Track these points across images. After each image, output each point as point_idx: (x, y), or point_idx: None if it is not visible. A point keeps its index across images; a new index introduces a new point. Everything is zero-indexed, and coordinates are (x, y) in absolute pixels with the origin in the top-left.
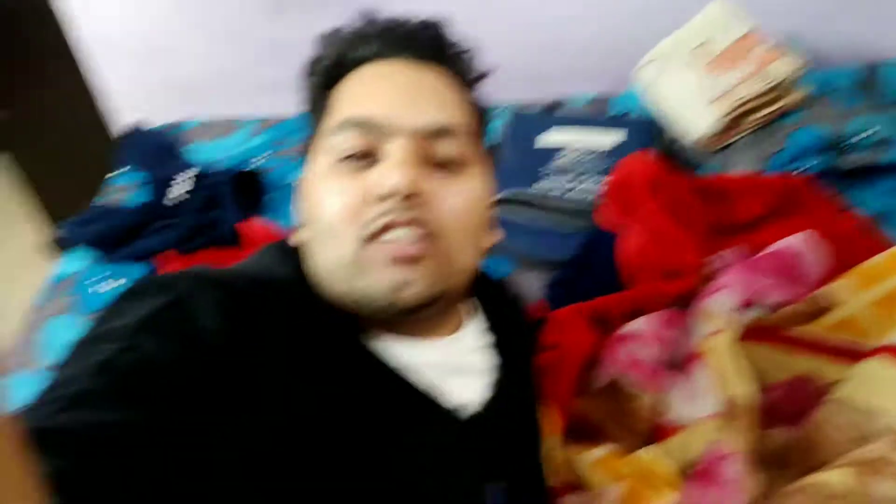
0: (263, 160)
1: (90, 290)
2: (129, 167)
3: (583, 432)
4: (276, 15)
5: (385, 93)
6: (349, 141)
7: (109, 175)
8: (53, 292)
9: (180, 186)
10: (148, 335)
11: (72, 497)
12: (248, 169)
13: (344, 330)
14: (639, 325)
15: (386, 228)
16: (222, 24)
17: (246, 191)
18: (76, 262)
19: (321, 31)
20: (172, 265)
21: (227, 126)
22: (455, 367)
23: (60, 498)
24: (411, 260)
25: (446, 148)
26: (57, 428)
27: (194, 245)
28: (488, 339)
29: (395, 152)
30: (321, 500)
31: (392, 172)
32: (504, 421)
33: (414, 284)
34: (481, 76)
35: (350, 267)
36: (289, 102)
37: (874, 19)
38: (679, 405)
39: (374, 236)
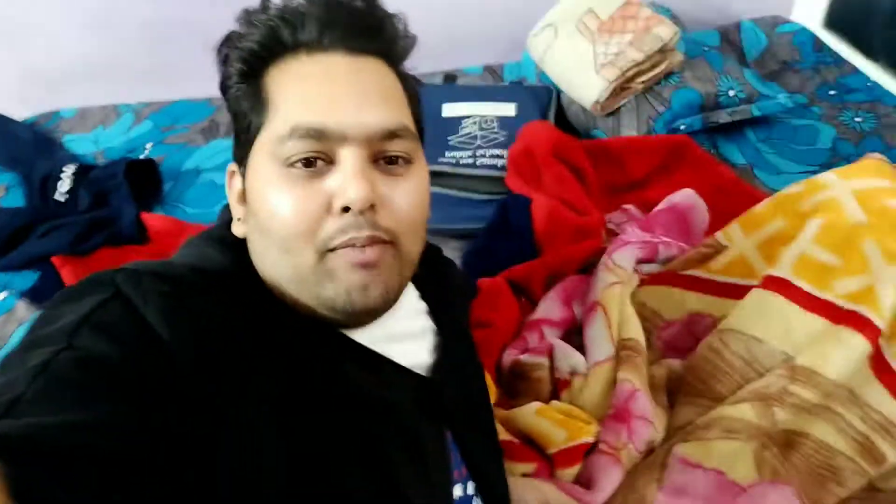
0: (151, 148)
1: None
2: None
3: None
4: None
5: (336, 96)
6: (300, 148)
7: None
8: None
9: (65, 183)
10: (87, 334)
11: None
12: (140, 158)
13: (295, 317)
14: (547, 308)
15: (347, 245)
16: (92, 6)
17: (140, 182)
18: None
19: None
20: (70, 268)
21: (107, 114)
22: (399, 335)
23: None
24: (371, 265)
25: (396, 147)
26: None
27: (91, 245)
28: (422, 305)
29: (351, 162)
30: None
31: (350, 185)
32: (453, 378)
33: (374, 287)
34: (409, 52)
35: (310, 277)
36: (171, 87)
37: None
38: (573, 358)
39: (334, 249)
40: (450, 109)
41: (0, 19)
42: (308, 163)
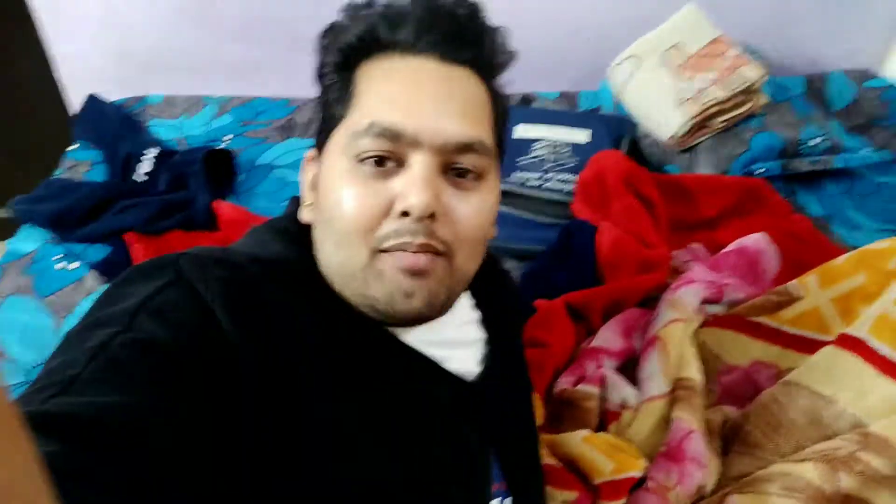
0: (230, 140)
1: (47, 271)
2: (82, 142)
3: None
4: None
5: (418, 101)
6: (373, 146)
7: (66, 150)
8: (6, 272)
9: (145, 165)
10: (147, 317)
11: (67, 482)
12: (219, 148)
13: (347, 310)
14: (606, 338)
15: (399, 248)
16: None
17: (216, 171)
18: (30, 241)
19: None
20: (140, 246)
21: (192, 103)
22: (449, 342)
23: (56, 482)
24: (420, 272)
25: (468, 160)
26: (50, 413)
27: (163, 226)
28: (476, 314)
29: (419, 168)
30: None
31: (413, 190)
32: (498, 390)
33: (419, 295)
34: (506, 66)
35: (358, 274)
36: (256, 83)
37: (819, 33)
38: (624, 390)
39: (387, 251)
40: (522, 131)
41: (100, 3)
42: (379, 161)
